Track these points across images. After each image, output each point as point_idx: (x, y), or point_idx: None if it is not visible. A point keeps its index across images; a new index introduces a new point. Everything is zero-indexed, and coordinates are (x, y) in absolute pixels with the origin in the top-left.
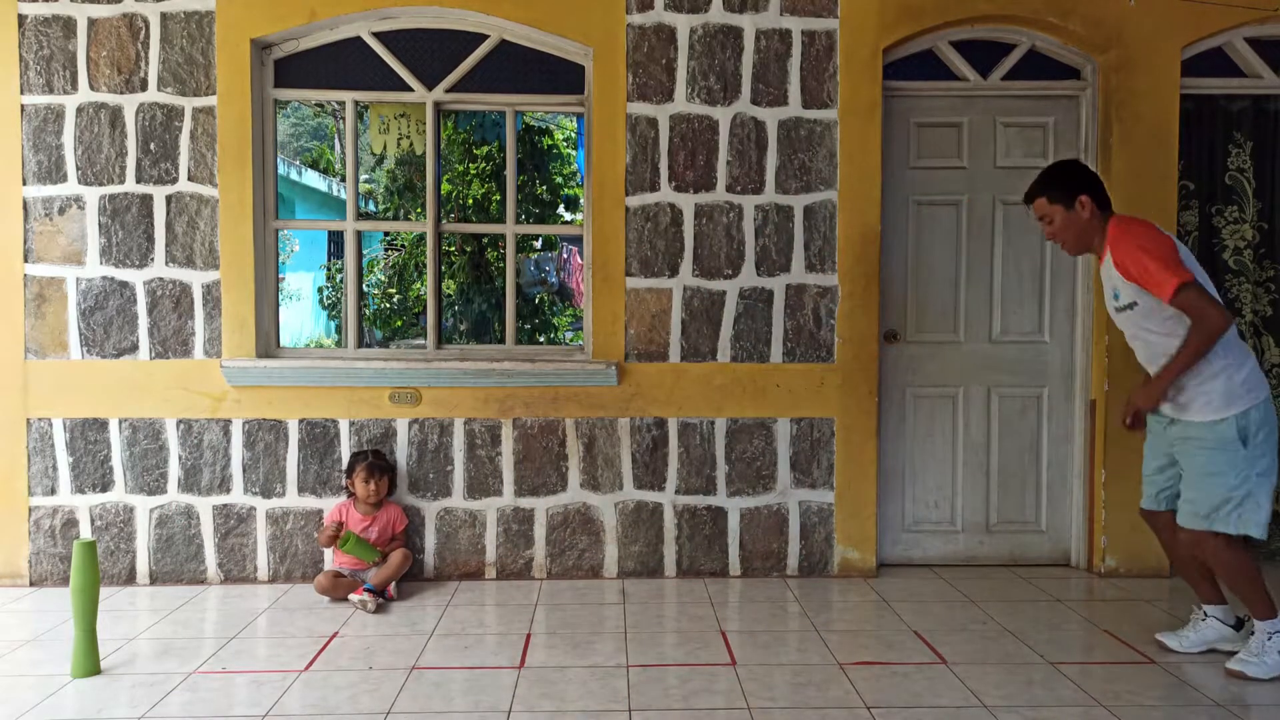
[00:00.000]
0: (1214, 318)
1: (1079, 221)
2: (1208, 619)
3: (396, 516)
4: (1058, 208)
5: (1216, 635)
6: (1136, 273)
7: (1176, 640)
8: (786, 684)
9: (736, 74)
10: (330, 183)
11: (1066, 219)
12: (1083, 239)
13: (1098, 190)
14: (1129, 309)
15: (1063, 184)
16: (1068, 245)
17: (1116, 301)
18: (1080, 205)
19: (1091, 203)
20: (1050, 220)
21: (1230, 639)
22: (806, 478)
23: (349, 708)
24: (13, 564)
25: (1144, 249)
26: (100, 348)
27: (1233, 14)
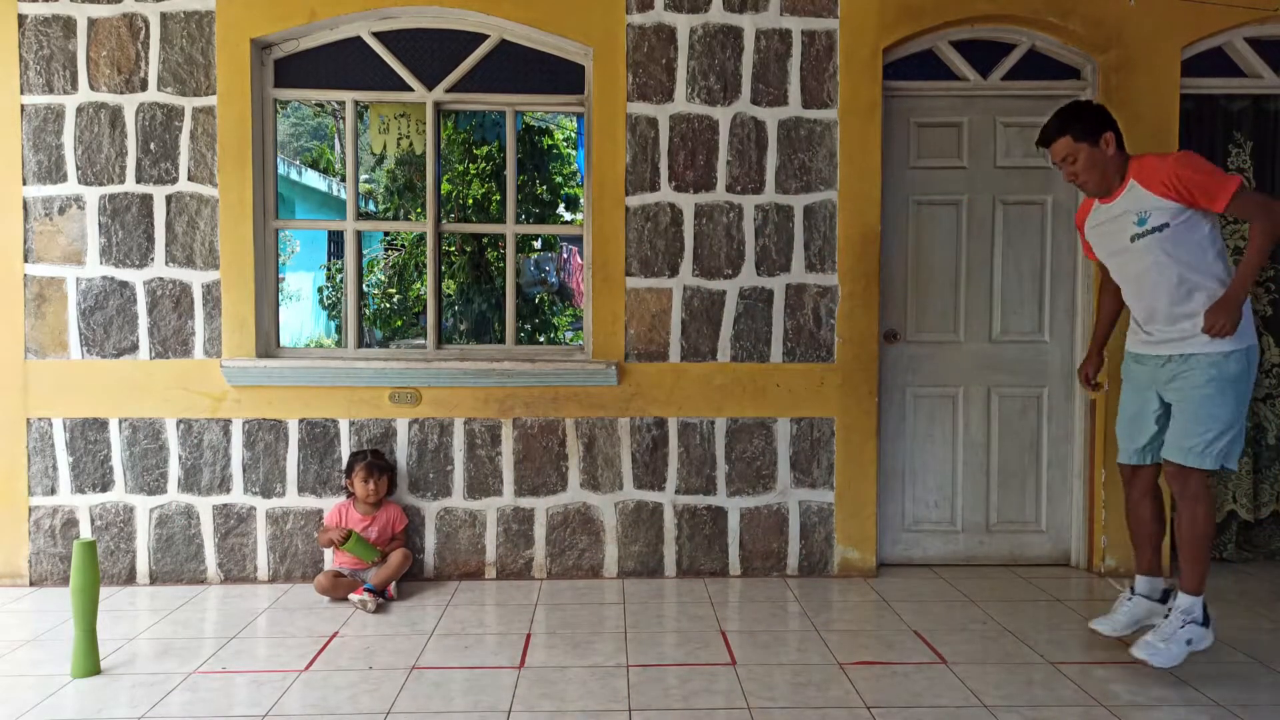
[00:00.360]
0: (1273, 207)
1: (1103, 159)
2: (1134, 597)
3: (396, 516)
4: (1083, 145)
5: (1145, 611)
6: (1185, 189)
7: (1108, 625)
8: (786, 684)
9: (736, 74)
10: (330, 183)
11: (1091, 157)
12: (1106, 177)
13: (1117, 129)
14: (1156, 232)
15: (1086, 122)
16: (1089, 185)
17: (1139, 227)
18: (1105, 143)
19: (1114, 139)
20: (1073, 159)
21: (1157, 612)
22: (806, 477)
23: (349, 708)
24: (13, 564)
25: (1189, 164)
26: (100, 348)
27: (1233, 14)
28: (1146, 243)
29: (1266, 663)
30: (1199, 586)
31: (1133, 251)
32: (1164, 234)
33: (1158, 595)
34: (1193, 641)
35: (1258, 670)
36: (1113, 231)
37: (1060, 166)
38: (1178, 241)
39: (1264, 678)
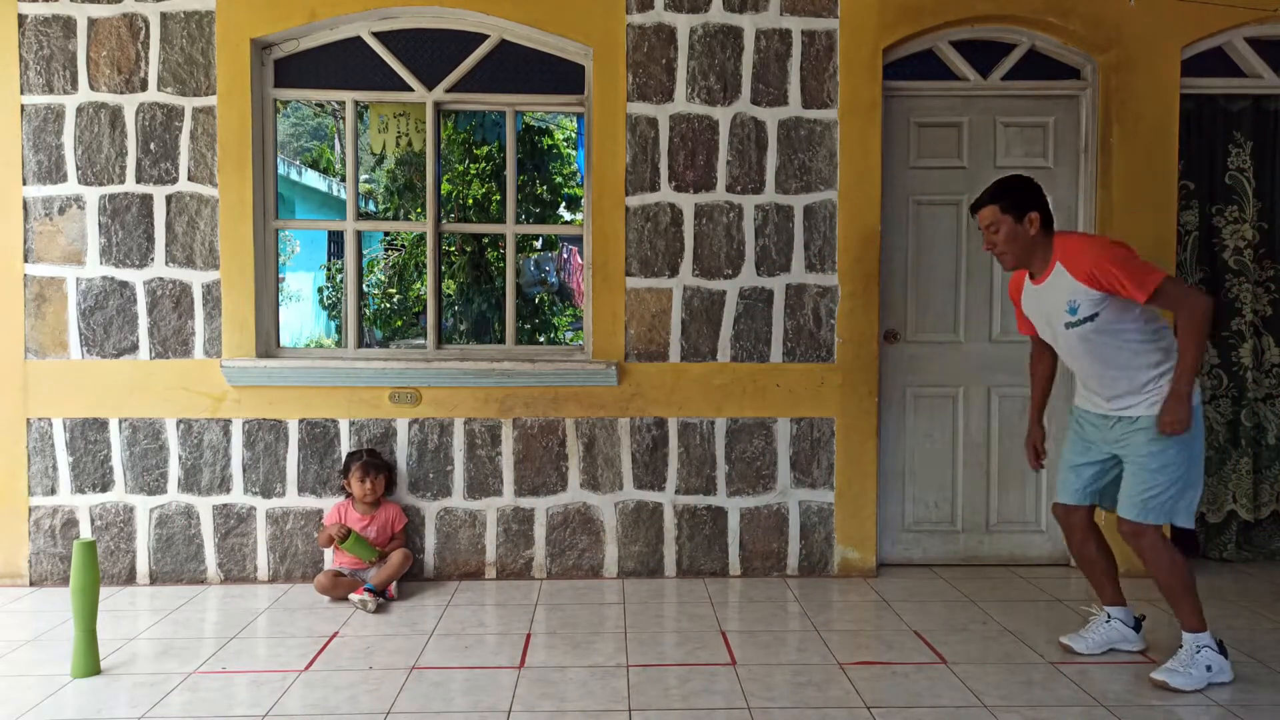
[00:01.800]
0: (1197, 299)
1: (1024, 236)
2: (1110, 620)
3: (395, 516)
4: (1007, 218)
5: (1119, 636)
6: (1108, 280)
7: (1081, 642)
8: (786, 684)
9: (736, 74)
10: (330, 183)
11: (1013, 231)
12: (1024, 254)
13: (1045, 210)
14: (1087, 322)
15: (1015, 196)
16: (1007, 258)
17: (1071, 316)
18: (1029, 221)
19: (1039, 220)
20: (996, 229)
21: (1131, 640)
22: (806, 478)
23: (349, 708)
24: (13, 564)
25: (1112, 257)
26: (100, 348)
27: (1233, 14)
28: (1080, 332)
29: (1266, 663)
30: (1198, 624)
31: (1068, 337)
32: (1095, 323)
33: (1131, 622)
34: (1213, 669)
35: (1258, 670)
36: (1047, 314)
37: (984, 233)
38: (1110, 329)
39: (1264, 678)
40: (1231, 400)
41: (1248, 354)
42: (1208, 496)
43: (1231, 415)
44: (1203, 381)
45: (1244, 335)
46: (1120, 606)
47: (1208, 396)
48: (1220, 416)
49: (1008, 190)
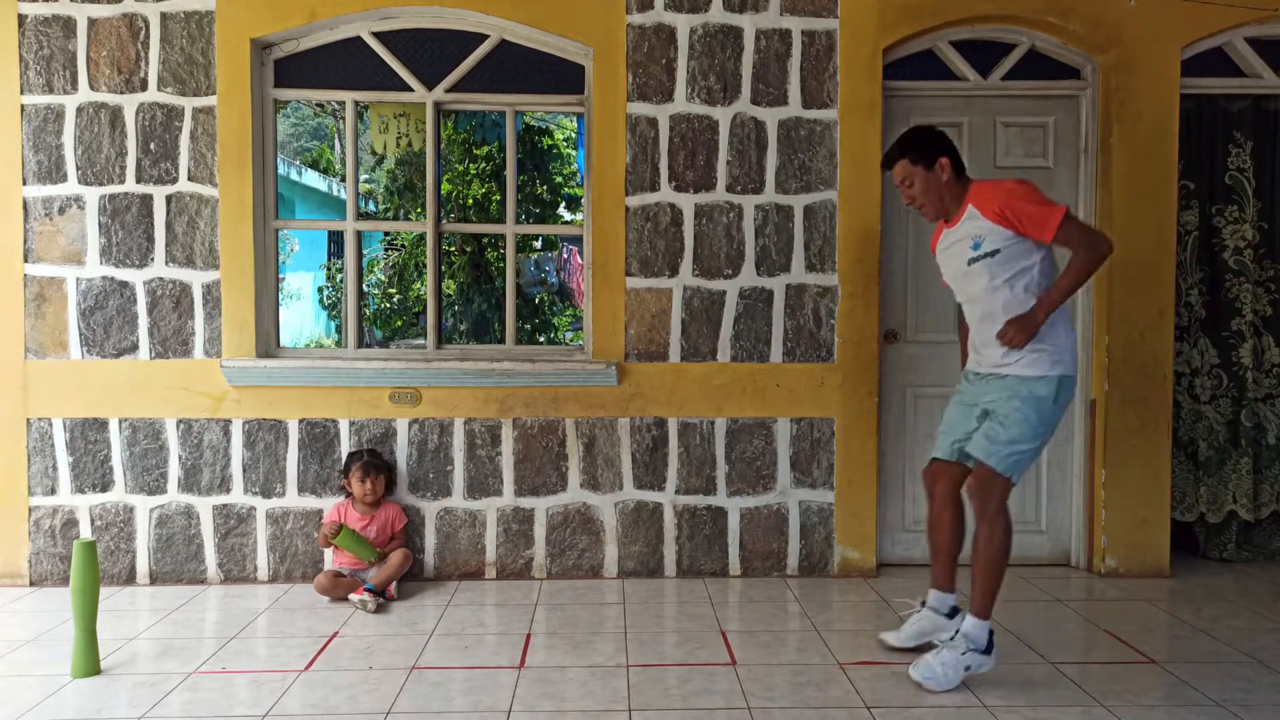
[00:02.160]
0: (1101, 238)
1: (939, 183)
2: (923, 610)
3: (395, 516)
4: (919, 169)
5: (931, 626)
6: (1015, 216)
7: (895, 636)
8: (786, 684)
9: (736, 74)
10: (330, 183)
11: (927, 180)
12: (941, 202)
13: (955, 155)
14: (989, 257)
15: (923, 146)
16: (927, 209)
17: (975, 251)
18: (940, 167)
19: (950, 165)
20: (910, 182)
21: (944, 627)
22: (806, 478)
23: (349, 708)
24: (13, 564)
25: (1020, 194)
26: (100, 348)
27: (1233, 14)
28: (980, 267)
29: (1266, 663)
30: (987, 611)
31: (969, 275)
32: (996, 259)
33: (945, 610)
34: (971, 668)
35: (1258, 670)
36: (954, 255)
37: (900, 189)
38: (1009, 267)
39: (1264, 678)
40: (1231, 400)
41: (1248, 354)
42: (1208, 496)
43: (1231, 415)
44: (1203, 381)
45: (1244, 335)
46: (940, 593)
47: (1208, 396)
48: (1220, 416)
49: (914, 141)
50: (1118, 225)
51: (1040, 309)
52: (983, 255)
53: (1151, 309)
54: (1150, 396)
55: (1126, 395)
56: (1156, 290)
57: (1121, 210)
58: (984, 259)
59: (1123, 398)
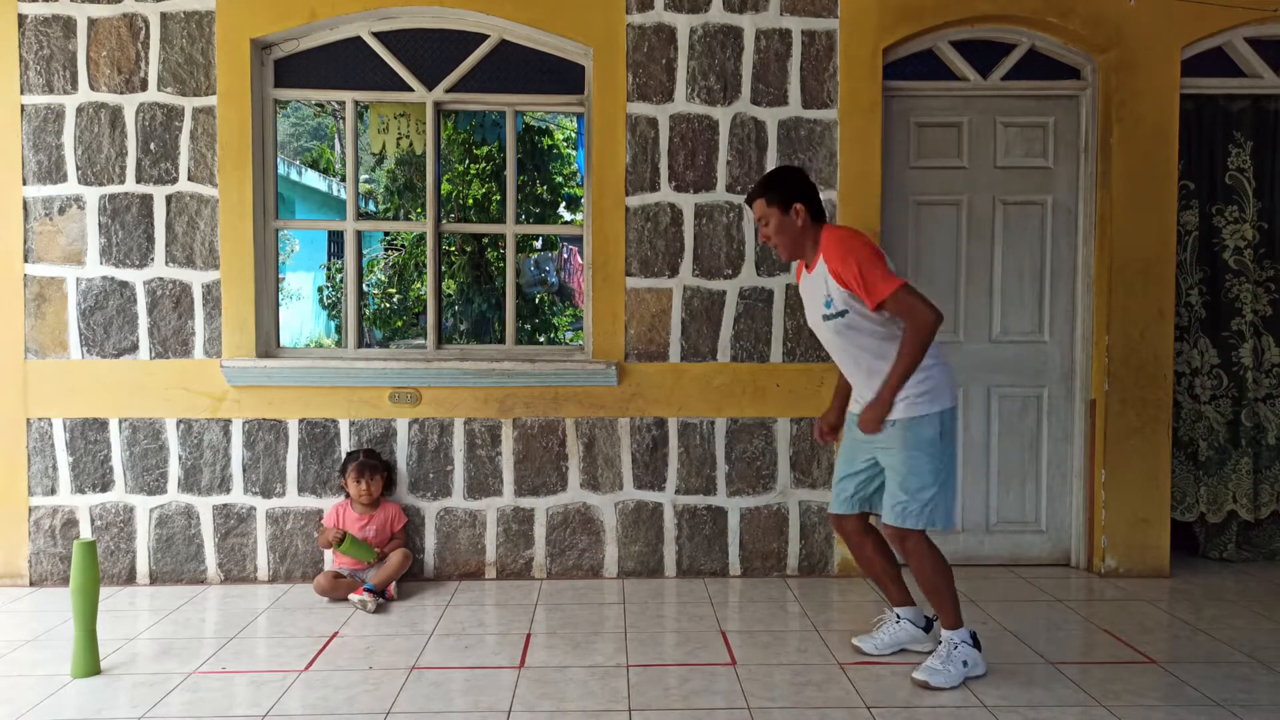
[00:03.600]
0: (924, 313)
1: (793, 228)
2: (900, 621)
3: (395, 515)
4: (774, 210)
5: (909, 637)
6: (850, 279)
7: (870, 643)
8: (786, 684)
9: (736, 74)
10: (330, 183)
11: (781, 223)
12: (796, 245)
13: (813, 201)
14: (839, 317)
15: (781, 189)
16: (782, 249)
17: (827, 309)
18: (795, 213)
19: (805, 211)
20: (766, 222)
21: (920, 640)
22: (806, 477)
23: (349, 708)
24: (13, 564)
25: (857, 257)
26: (100, 348)
27: (1233, 14)
28: (833, 326)
29: (1266, 663)
30: (956, 622)
31: (825, 329)
32: (845, 320)
33: (921, 623)
34: (969, 664)
35: (1258, 670)
36: (811, 302)
37: (758, 225)
38: (858, 327)
39: (1264, 678)
40: (1231, 400)
41: (1248, 354)
42: (1208, 496)
43: (1231, 415)
44: (1203, 381)
45: (1244, 335)
46: (909, 607)
47: (1208, 396)
48: (1220, 416)
49: (774, 183)
50: (1118, 225)
51: (887, 393)
52: (834, 315)
53: (1151, 309)
54: (1150, 396)
55: (1126, 395)
56: (1156, 290)
57: (1121, 210)
58: (835, 318)
59: (1123, 398)
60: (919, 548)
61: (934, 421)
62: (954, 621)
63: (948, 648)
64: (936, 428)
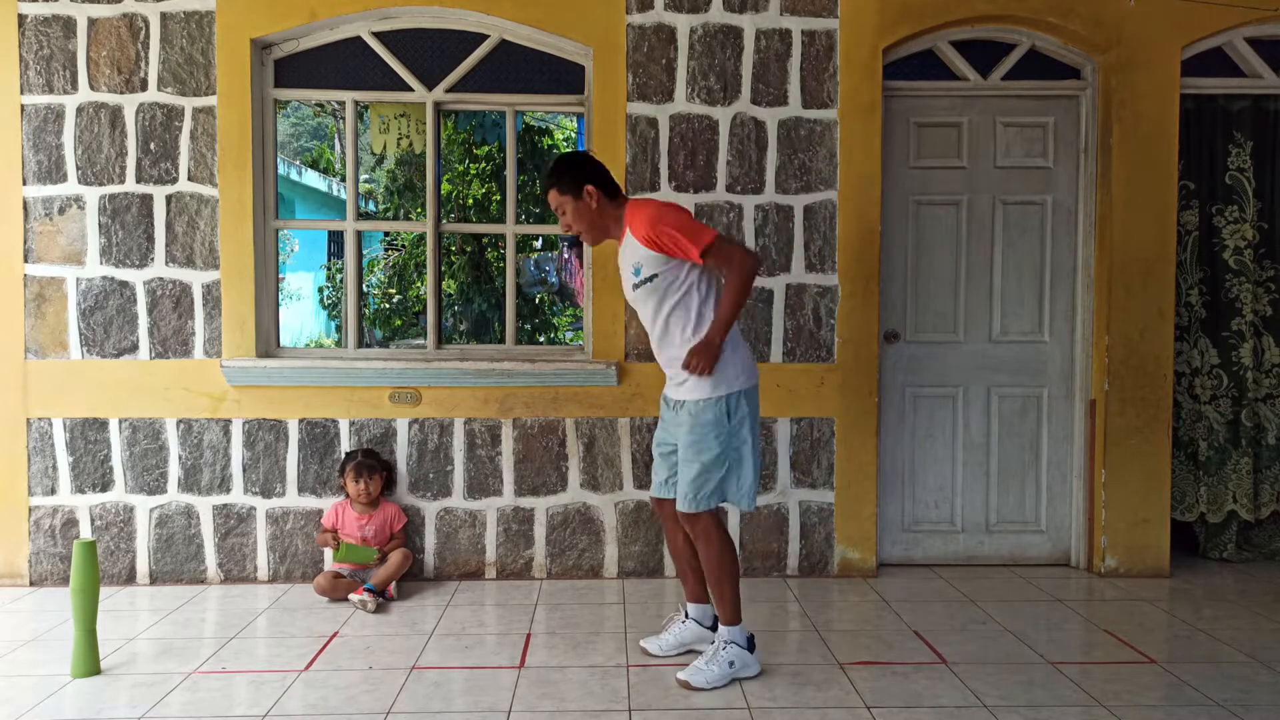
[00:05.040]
0: (743, 255)
1: (589, 211)
2: (687, 620)
3: (394, 515)
4: (567, 198)
5: (693, 636)
6: (663, 241)
7: (656, 644)
8: (786, 684)
9: (736, 74)
10: (330, 183)
11: (577, 209)
12: (596, 227)
13: (604, 181)
14: (648, 283)
15: (568, 175)
16: (584, 234)
17: (636, 277)
18: (588, 195)
19: (598, 192)
20: (563, 211)
21: (705, 639)
22: (806, 478)
23: (349, 708)
24: (13, 564)
25: (666, 220)
26: (100, 348)
27: (1233, 14)
28: (642, 293)
29: (1266, 663)
30: (732, 616)
31: (637, 299)
32: (653, 284)
33: (709, 622)
34: (735, 664)
35: (1258, 670)
36: (625, 276)
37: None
38: (666, 292)
39: (1264, 678)
40: (1231, 400)
41: (1248, 354)
42: (1208, 496)
43: (1231, 415)
44: (1203, 381)
45: (1244, 335)
46: (700, 605)
47: (1208, 396)
48: (1220, 416)
49: (560, 171)
50: (1118, 225)
51: (715, 334)
52: (643, 281)
53: (1151, 309)
54: (1150, 396)
55: (1126, 395)
56: (1156, 290)
57: (1121, 210)
58: (645, 284)
59: (1123, 398)
60: (707, 531)
61: (718, 405)
62: (730, 617)
63: (716, 647)
64: (722, 410)
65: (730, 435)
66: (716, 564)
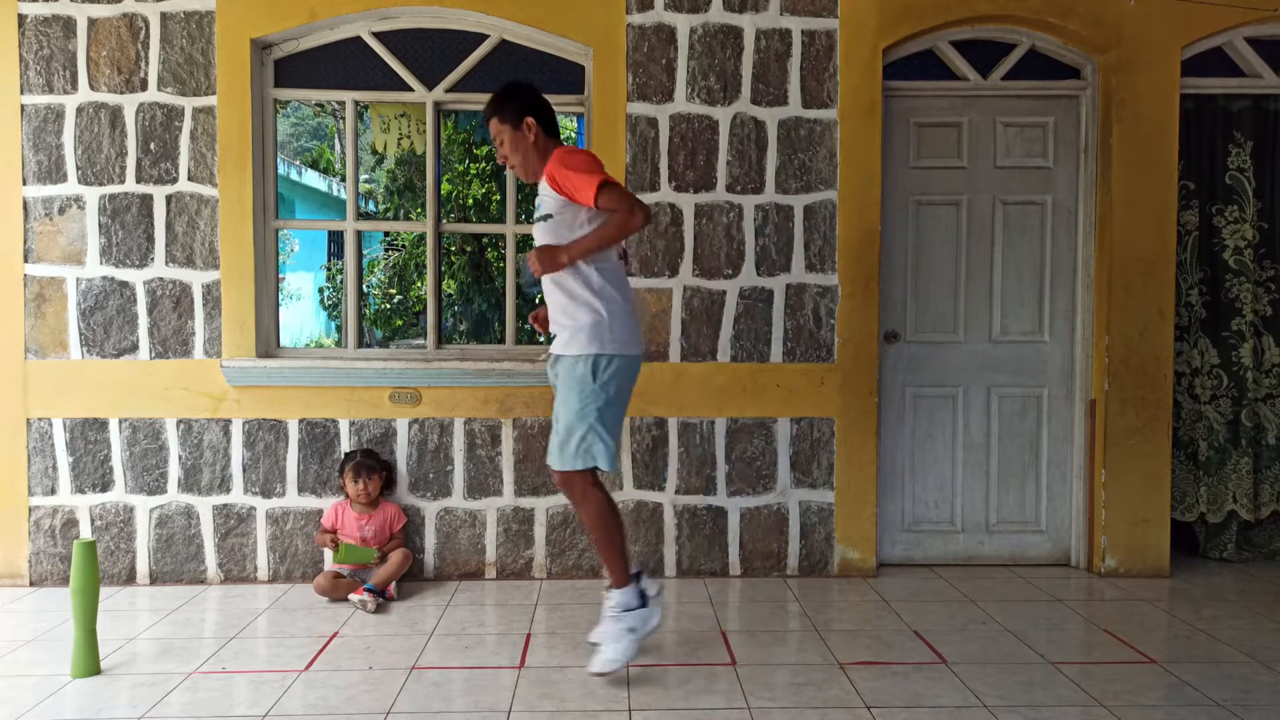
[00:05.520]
0: (631, 206)
1: (525, 143)
2: None
3: (394, 515)
4: (506, 128)
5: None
6: (563, 182)
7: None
8: (786, 684)
9: (736, 74)
10: (330, 183)
11: (514, 139)
12: (530, 161)
13: (545, 117)
14: (544, 221)
15: (511, 105)
16: (516, 167)
17: (537, 212)
18: (527, 127)
19: (538, 126)
20: (501, 141)
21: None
22: (806, 478)
23: (349, 708)
24: (13, 564)
25: (569, 162)
26: (100, 348)
27: (1233, 14)
28: (539, 231)
29: (1266, 663)
30: (622, 579)
31: (536, 234)
32: (549, 224)
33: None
34: (635, 629)
35: (1258, 670)
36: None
37: (495, 150)
38: (559, 233)
39: (1264, 678)
40: (1231, 400)
41: (1248, 354)
42: (1208, 496)
43: (1231, 415)
44: (1203, 381)
45: (1244, 335)
46: None
47: (1208, 396)
48: (1220, 416)
49: (504, 99)
50: (1118, 225)
51: (566, 250)
52: (540, 218)
53: (1151, 309)
54: (1150, 396)
55: (1126, 395)
56: (1156, 290)
57: (1121, 210)
58: (541, 222)
59: (1123, 398)
60: (583, 493)
61: (587, 362)
62: (620, 579)
63: (612, 623)
64: (588, 368)
65: (596, 395)
66: (595, 527)
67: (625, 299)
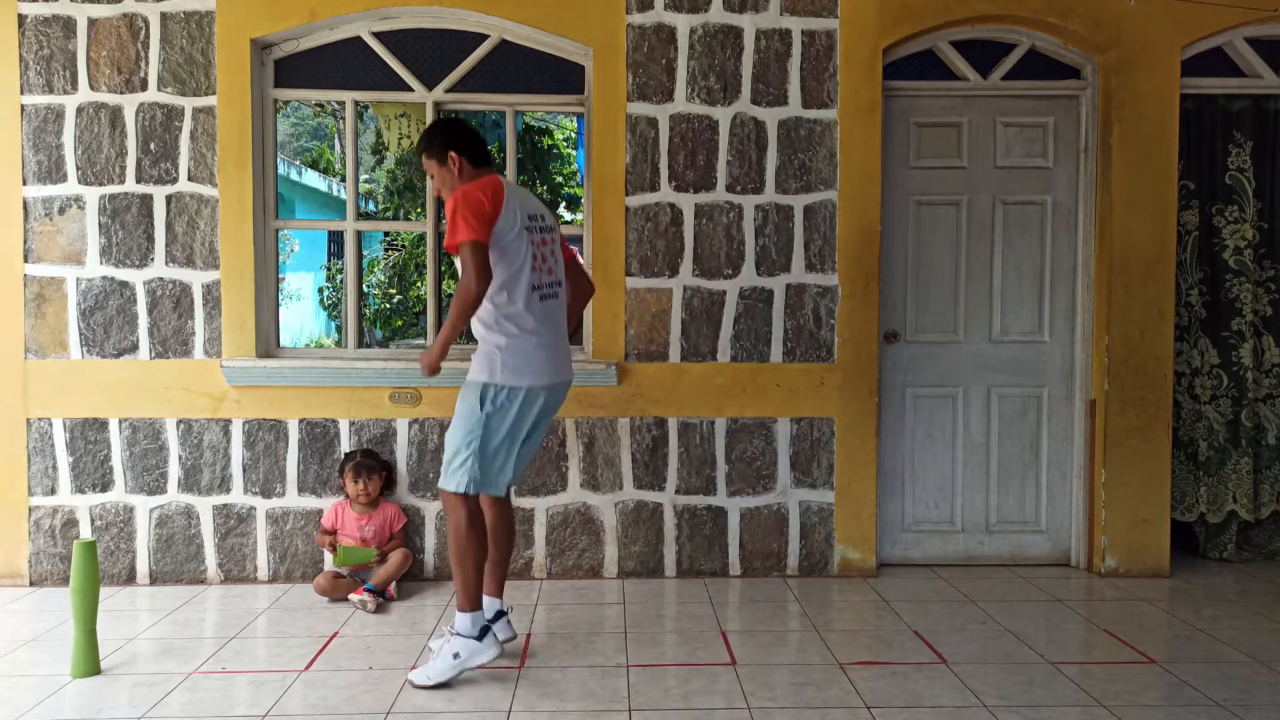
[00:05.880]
0: (468, 282)
1: (452, 177)
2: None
3: (394, 515)
4: (433, 162)
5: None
6: (449, 213)
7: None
8: (786, 684)
9: (736, 74)
10: (330, 183)
11: (441, 174)
12: None
13: (471, 149)
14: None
15: (438, 141)
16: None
17: None
18: (451, 161)
19: (461, 159)
20: (432, 175)
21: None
22: (806, 478)
23: (349, 708)
24: (13, 564)
25: (460, 201)
26: (100, 348)
27: (1233, 14)
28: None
29: (1266, 663)
30: (467, 604)
31: None
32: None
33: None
34: (460, 655)
35: (1258, 670)
36: None
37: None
38: (463, 267)
39: (1264, 678)
40: (1231, 400)
41: (1248, 354)
42: (1208, 496)
43: (1231, 415)
44: (1203, 381)
45: (1244, 335)
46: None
47: (1208, 396)
48: (1220, 416)
49: (430, 137)
50: (1118, 225)
51: (437, 347)
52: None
53: (1151, 309)
54: (1150, 396)
55: (1126, 395)
56: (1156, 290)
57: (1121, 210)
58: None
59: (1123, 398)
60: (453, 511)
61: (478, 390)
62: (466, 604)
63: (444, 641)
64: (477, 395)
65: (484, 424)
66: (452, 545)
67: (535, 331)
